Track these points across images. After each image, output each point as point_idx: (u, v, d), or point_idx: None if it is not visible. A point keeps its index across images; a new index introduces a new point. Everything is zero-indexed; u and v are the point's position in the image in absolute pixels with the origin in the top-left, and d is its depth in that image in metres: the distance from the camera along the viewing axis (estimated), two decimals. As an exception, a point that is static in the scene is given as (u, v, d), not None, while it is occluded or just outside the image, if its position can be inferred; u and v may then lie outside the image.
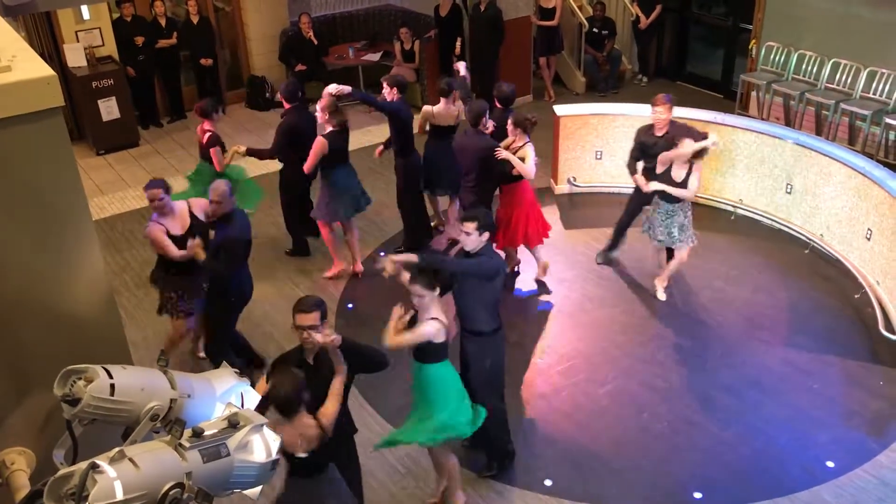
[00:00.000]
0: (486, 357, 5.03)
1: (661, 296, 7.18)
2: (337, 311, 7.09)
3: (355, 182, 7.33)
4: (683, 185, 6.56)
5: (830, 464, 5.39)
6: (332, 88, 7.04)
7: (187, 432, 2.17)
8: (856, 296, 7.05)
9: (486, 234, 4.84)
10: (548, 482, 5.27)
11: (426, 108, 7.64)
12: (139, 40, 10.52)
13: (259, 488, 2.33)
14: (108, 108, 10.21)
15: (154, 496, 2.01)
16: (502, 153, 6.55)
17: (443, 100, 7.39)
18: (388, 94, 7.28)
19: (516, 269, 7.47)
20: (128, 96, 10.38)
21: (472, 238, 4.80)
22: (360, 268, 7.56)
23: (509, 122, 6.71)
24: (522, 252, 7.35)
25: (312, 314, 4.08)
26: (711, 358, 6.45)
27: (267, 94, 11.76)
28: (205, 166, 7.22)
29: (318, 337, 4.04)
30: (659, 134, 6.90)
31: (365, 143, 10.03)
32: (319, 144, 6.87)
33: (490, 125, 6.85)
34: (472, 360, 5.05)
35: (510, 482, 5.32)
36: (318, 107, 7.04)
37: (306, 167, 6.98)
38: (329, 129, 6.93)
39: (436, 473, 5.11)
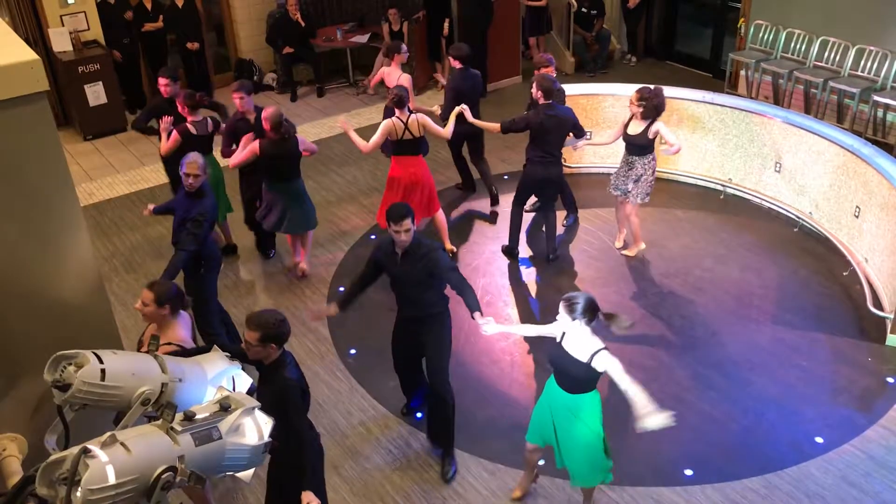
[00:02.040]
0: (446, 333, 5.18)
1: (619, 243, 7.56)
2: (328, 295, 7.10)
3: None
4: (641, 138, 6.89)
5: (819, 439, 5.45)
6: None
7: (179, 416, 2.18)
8: (844, 273, 7.09)
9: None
10: (541, 461, 5.31)
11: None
12: (129, 15, 10.45)
13: (252, 470, 2.34)
14: (95, 93, 10.13)
15: (146, 480, 2.02)
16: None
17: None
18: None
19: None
20: (114, 81, 10.30)
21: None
22: (304, 267, 7.36)
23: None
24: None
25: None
26: (701, 336, 6.49)
27: (255, 77, 11.69)
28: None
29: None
30: None
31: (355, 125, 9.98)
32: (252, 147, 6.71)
33: None
34: (436, 339, 5.12)
35: (503, 462, 5.35)
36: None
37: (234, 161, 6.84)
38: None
39: (526, 470, 5.13)
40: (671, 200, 8.37)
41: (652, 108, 6.80)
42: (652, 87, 6.92)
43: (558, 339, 4.47)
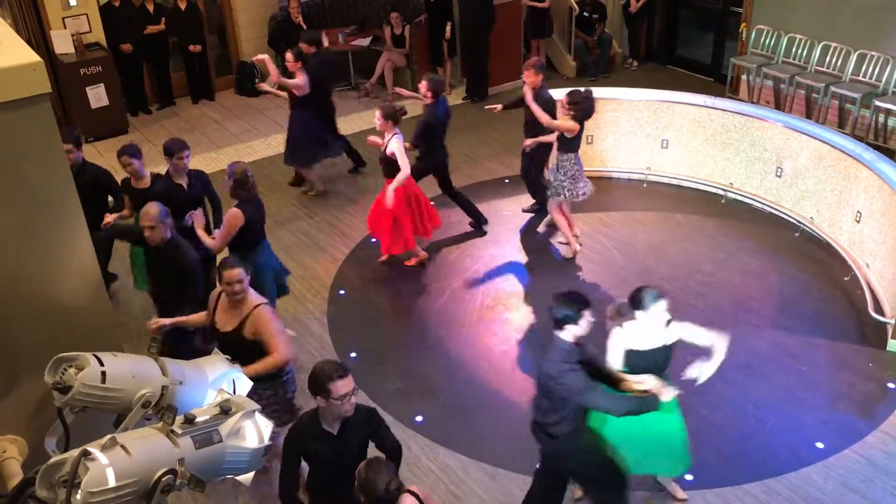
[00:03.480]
0: None
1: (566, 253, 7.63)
2: (329, 299, 7.09)
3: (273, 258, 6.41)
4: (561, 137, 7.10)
5: (819, 445, 5.44)
6: None
7: (179, 419, 2.17)
8: (845, 278, 7.08)
9: None
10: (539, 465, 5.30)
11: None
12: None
13: (251, 474, 2.33)
14: (97, 95, 10.14)
15: (146, 483, 2.01)
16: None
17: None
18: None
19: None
20: (116, 83, 10.31)
21: None
22: None
23: (378, 114, 6.81)
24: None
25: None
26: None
27: (256, 80, 11.69)
28: None
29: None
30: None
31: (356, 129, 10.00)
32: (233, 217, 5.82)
33: None
34: None
35: (503, 466, 5.34)
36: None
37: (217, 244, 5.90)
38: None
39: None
40: (672, 205, 8.36)
41: (581, 110, 6.94)
42: (583, 90, 7.08)
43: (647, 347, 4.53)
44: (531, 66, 7.36)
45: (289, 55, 8.04)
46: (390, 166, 6.91)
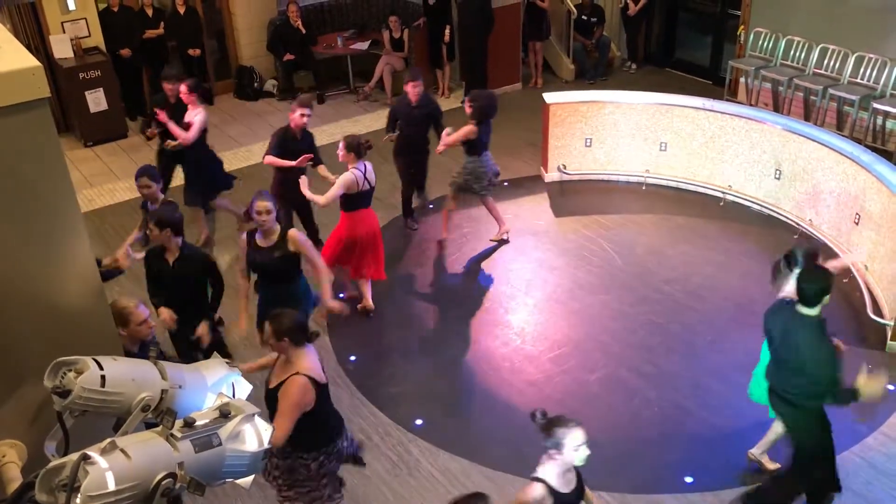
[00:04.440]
0: None
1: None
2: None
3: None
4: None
5: (819, 447, 5.44)
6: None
7: (179, 423, 2.18)
8: (844, 280, 7.08)
9: None
10: (540, 468, 5.30)
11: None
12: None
13: (251, 477, 2.34)
14: (96, 100, 10.14)
15: (146, 486, 2.01)
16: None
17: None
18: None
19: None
20: (115, 87, 10.31)
21: None
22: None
23: (341, 145, 6.35)
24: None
25: None
26: (701, 343, 6.49)
27: (255, 84, 11.71)
28: None
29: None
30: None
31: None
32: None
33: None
34: None
35: (503, 469, 5.34)
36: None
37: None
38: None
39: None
40: (671, 207, 8.37)
41: (478, 108, 7.10)
42: (486, 91, 7.35)
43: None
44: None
45: (183, 87, 7.28)
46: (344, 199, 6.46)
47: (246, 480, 2.34)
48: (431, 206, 8.38)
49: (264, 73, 11.84)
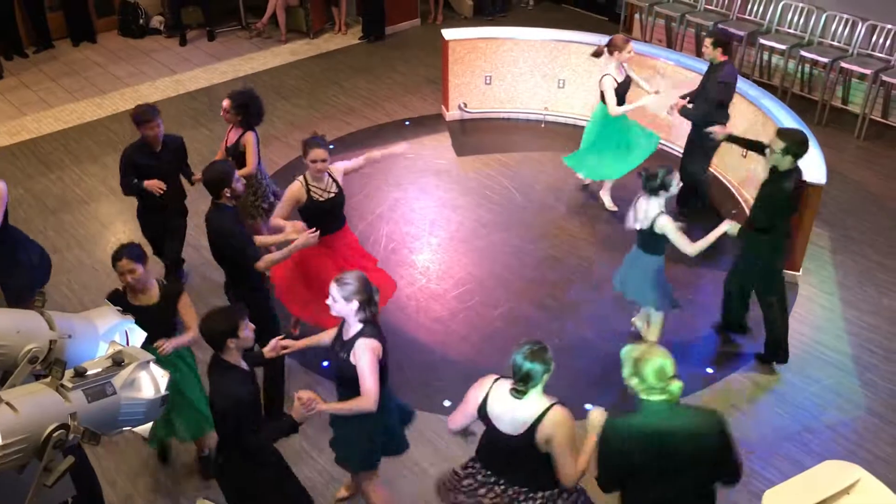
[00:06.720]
0: None
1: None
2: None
3: None
4: None
5: (709, 370, 5.72)
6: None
7: (69, 373, 2.11)
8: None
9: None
10: (447, 402, 5.40)
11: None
12: None
13: (149, 425, 2.30)
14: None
15: (37, 439, 1.96)
16: None
17: None
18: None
19: None
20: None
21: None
22: None
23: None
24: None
25: None
26: (599, 275, 6.67)
27: (141, 21, 11.15)
28: None
29: None
30: None
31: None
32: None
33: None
34: None
35: (412, 405, 5.39)
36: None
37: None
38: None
39: None
40: (570, 144, 8.45)
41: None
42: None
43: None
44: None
45: None
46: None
47: (144, 428, 2.31)
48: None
49: (150, 8, 11.28)
